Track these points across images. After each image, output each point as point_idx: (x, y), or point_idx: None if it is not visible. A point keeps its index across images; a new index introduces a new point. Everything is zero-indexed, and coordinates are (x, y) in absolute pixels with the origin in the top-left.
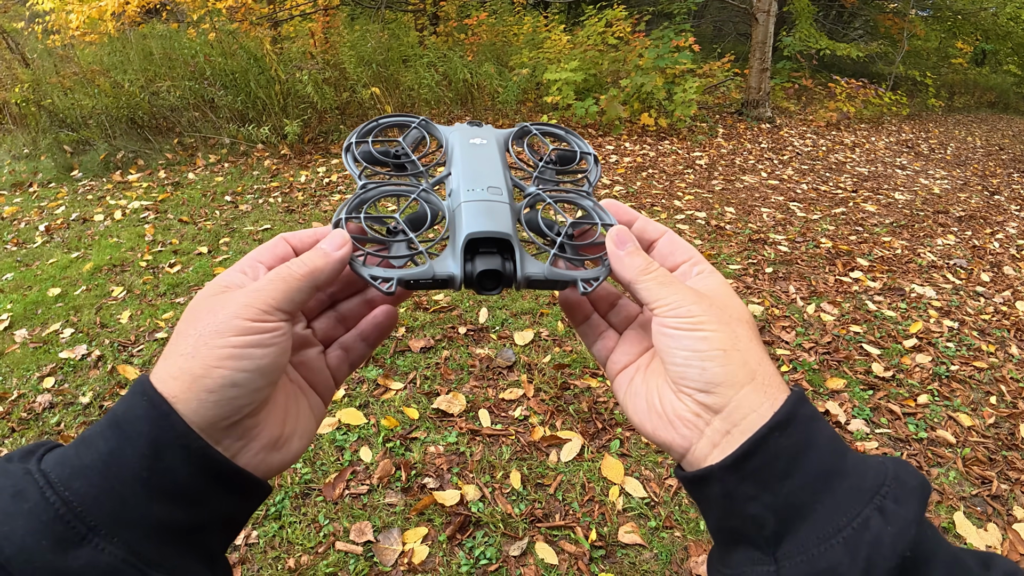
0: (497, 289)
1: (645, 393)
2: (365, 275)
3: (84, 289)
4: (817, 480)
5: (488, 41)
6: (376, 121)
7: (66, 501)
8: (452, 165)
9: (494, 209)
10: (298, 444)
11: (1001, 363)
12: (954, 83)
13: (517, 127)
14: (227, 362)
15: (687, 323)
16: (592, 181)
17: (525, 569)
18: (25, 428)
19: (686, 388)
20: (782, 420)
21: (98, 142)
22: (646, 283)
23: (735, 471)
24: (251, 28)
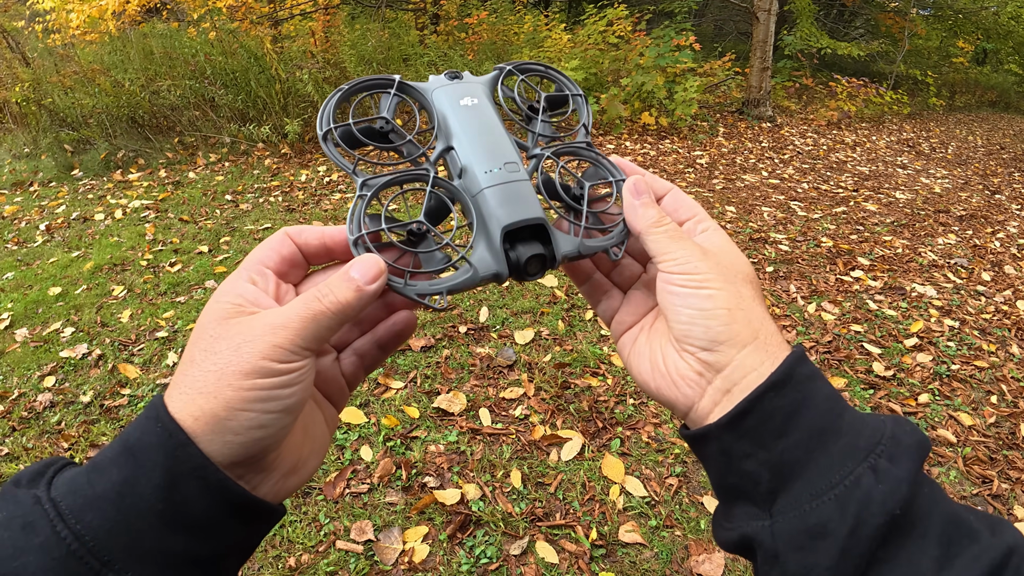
0: (540, 273)
1: (649, 353)
2: (412, 296)
3: (85, 288)
4: (811, 438)
5: (489, 40)
6: (342, 90)
7: (78, 535)
8: (451, 137)
9: (520, 191)
10: (314, 462)
11: (1002, 362)
12: (955, 82)
13: (495, 70)
14: (254, 405)
15: (693, 280)
16: (587, 125)
17: (526, 568)
18: (26, 427)
19: (689, 346)
20: (779, 379)
21: (99, 141)
22: (656, 235)
23: (732, 429)
24: (251, 27)
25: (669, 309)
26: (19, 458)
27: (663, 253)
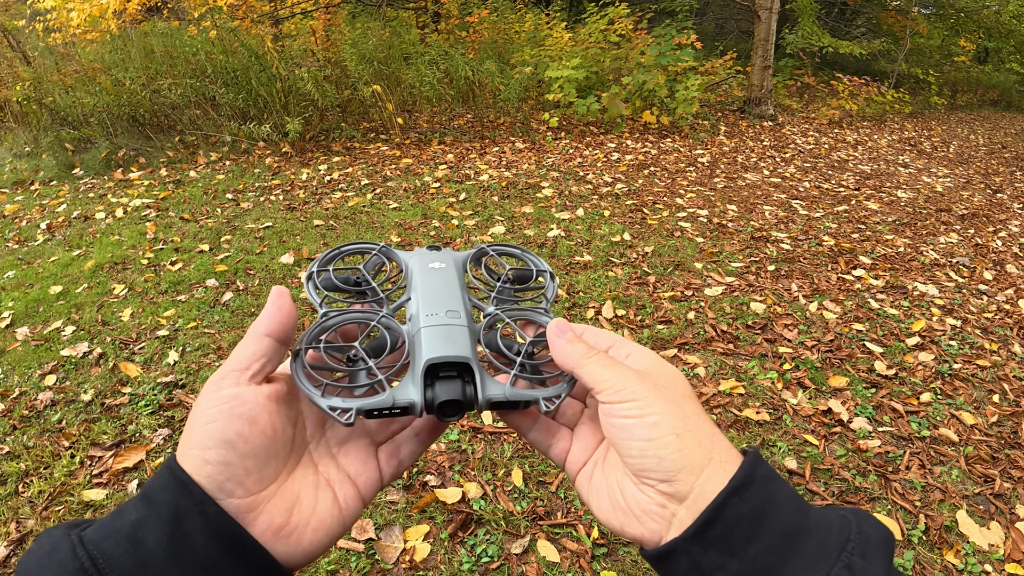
0: (459, 415)
1: (607, 489)
2: (323, 406)
3: (85, 287)
4: (783, 541)
5: (490, 39)
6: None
7: (92, 558)
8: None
9: (453, 333)
10: (311, 537)
11: (1004, 361)
12: (957, 81)
13: (475, 249)
14: (208, 425)
15: (634, 408)
16: (549, 298)
17: (527, 567)
18: (27, 425)
19: (647, 479)
20: (739, 484)
21: (99, 140)
22: (588, 366)
23: (698, 541)
24: (252, 26)
25: (618, 443)
26: (19, 456)
27: (599, 382)
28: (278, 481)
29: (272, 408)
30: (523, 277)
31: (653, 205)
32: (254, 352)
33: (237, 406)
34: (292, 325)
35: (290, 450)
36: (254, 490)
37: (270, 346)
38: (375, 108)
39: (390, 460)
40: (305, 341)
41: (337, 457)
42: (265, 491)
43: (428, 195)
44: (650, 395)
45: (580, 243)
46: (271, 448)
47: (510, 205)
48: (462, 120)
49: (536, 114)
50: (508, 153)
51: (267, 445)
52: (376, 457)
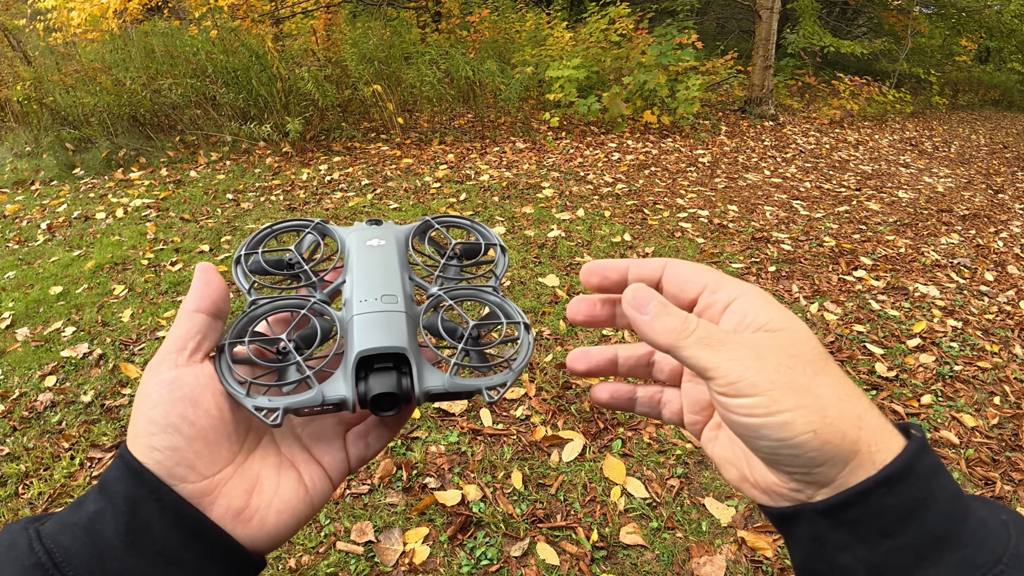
0: (395, 409)
1: (732, 458)
2: (249, 406)
3: (86, 287)
4: (926, 544)
5: (490, 38)
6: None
7: (48, 551)
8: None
9: (387, 320)
10: (275, 520)
11: (1005, 363)
12: (958, 81)
13: (419, 221)
14: (150, 412)
15: (758, 407)
16: (499, 274)
17: (526, 570)
18: (27, 427)
19: (779, 470)
20: (893, 475)
21: (100, 140)
22: (689, 348)
23: (828, 516)
24: (253, 25)
25: (743, 439)
26: (19, 458)
27: (706, 369)
28: (235, 463)
29: (216, 387)
30: (471, 251)
31: (654, 205)
32: (187, 330)
33: (176, 389)
34: (222, 298)
35: (246, 430)
36: (207, 473)
37: (203, 321)
38: (376, 108)
39: (357, 443)
40: (230, 335)
41: (302, 438)
42: (220, 474)
43: (428, 195)
44: (776, 386)
45: (581, 244)
46: (221, 429)
47: (511, 205)
48: (463, 120)
49: (537, 114)
50: (509, 153)
51: (215, 426)
52: (343, 438)
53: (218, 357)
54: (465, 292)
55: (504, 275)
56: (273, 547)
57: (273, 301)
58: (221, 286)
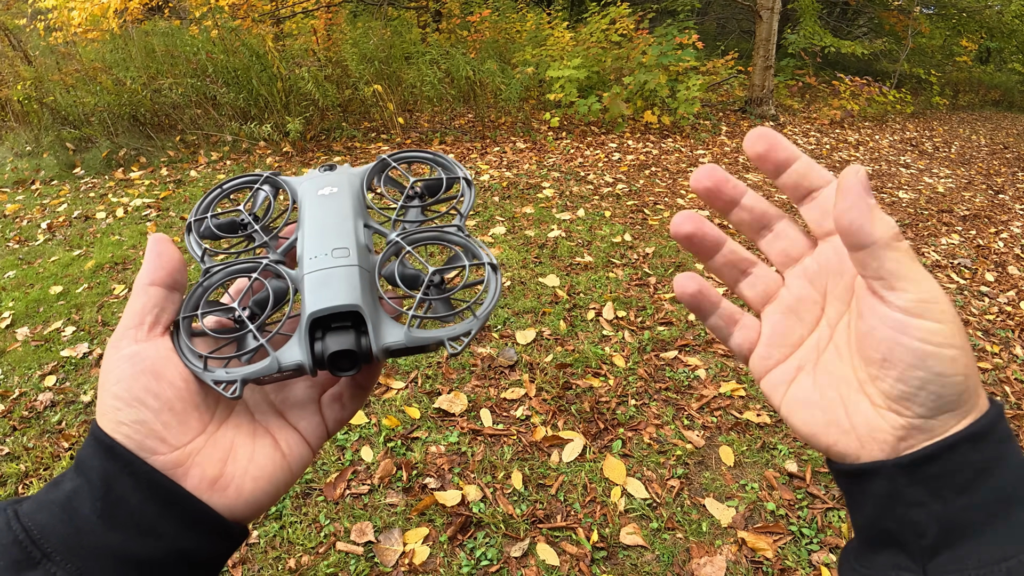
0: (355, 368)
1: (822, 403)
2: (208, 381)
3: (86, 287)
4: (995, 503)
5: (491, 38)
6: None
7: (26, 528)
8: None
9: (339, 276)
10: (252, 487)
11: (1005, 363)
12: (958, 81)
13: (376, 160)
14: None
15: (940, 335)
16: (463, 212)
17: (526, 570)
18: (26, 426)
19: (904, 409)
20: (977, 432)
21: (100, 139)
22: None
23: (909, 472)
24: (253, 25)
25: (893, 365)
26: (19, 457)
27: (904, 281)
28: (206, 433)
29: (178, 360)
30: (434, 188)
31: (654, 206)
32: (143, 304)
33: (138, 363)
34: (177, 268)
35: (216, 399)
36: (178, 444)
37: (159, 294)
38: (376, 108)
39: (332, 405)
40: (185, 309)
41: (275, 404)
42: (192, 443)
43: None
44: (955, 323)
45: (581, 244)
46: (188, 400)
47: (511, 205)
48: (463, 120)
49: (537, 114)
50: (509, 153)
51: (181, 397)
52: (318, 402)
53: (175, 331)
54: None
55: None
56: (254, 515)
57: (226, 267)
58: (175, 256)
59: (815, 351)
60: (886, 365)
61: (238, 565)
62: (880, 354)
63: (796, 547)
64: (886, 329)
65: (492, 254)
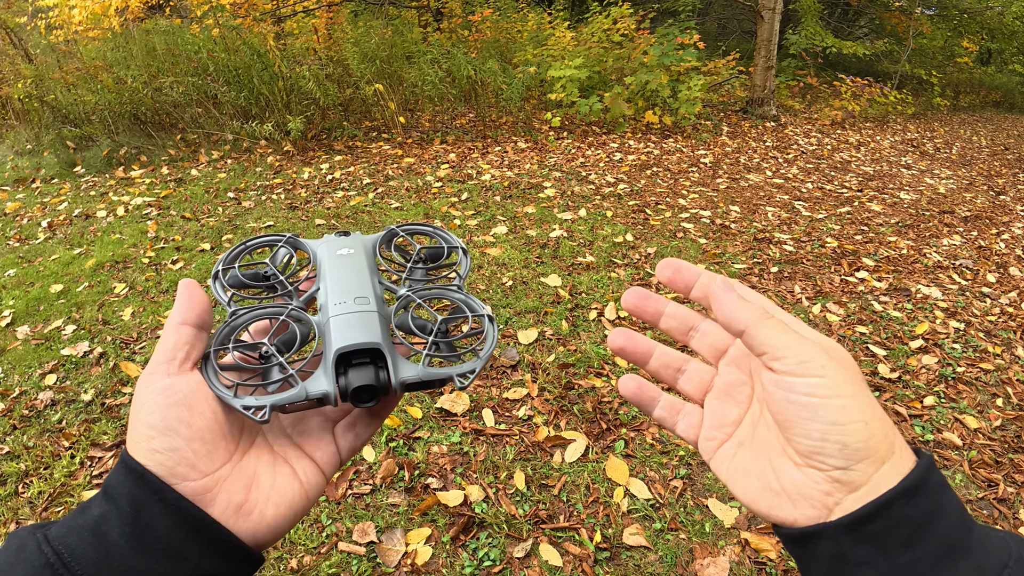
0: (374, 400)
1: (756, 470)
2: (237, 406)
3: (86, 286)
4: (941, 553)
5: (492, 38)
6: (244, 243)
7: (57, 552)
8: (320, 279)
9: (363, 320)
10: (273, 512)
11: (1007, 364)
12: (960, 82)
13: (384, 231)
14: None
15: (822, 388)
16: (462, 274)
17: (529, 571)
18: (27, 425)
19: (818, 464)
20: (911, 487)
21: (101, 138)
22: (767, 328)
23: (851, 532)
24: (254, 24)
25: (793, 424)
26: (19, 456)
27: (779, 349)
28: (232, 461)
29: (207, 392)
30: (435, 255)
31: (656, 206)
32: (176, 342)
33: (171, 395)
34: (206, 311)
35: (240, 431)
36: (207, 471)
37: (190, 333)
38: (377, 107)
39: (346, 435)
40: (215, 343)
41: (292, 436)
42: (219, 471)
43: (430, 195)
44: (838, 373)
45: (583, 244)
46: (216, 430)
47: (512, 205)
48: (464, 119)
49: (538, 114)
50: (510, 153)
51: (211, 428)
52: (332, 433)
53: (204, 364)
54: (432, 291)
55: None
56: (273, 540)
57: (253, 310)
58: (204, 299)
59: (752, 427)
60: (788, 424)
61: None
62: (781, 416)
63: None
64: (780, 392)
65: (488, 308)
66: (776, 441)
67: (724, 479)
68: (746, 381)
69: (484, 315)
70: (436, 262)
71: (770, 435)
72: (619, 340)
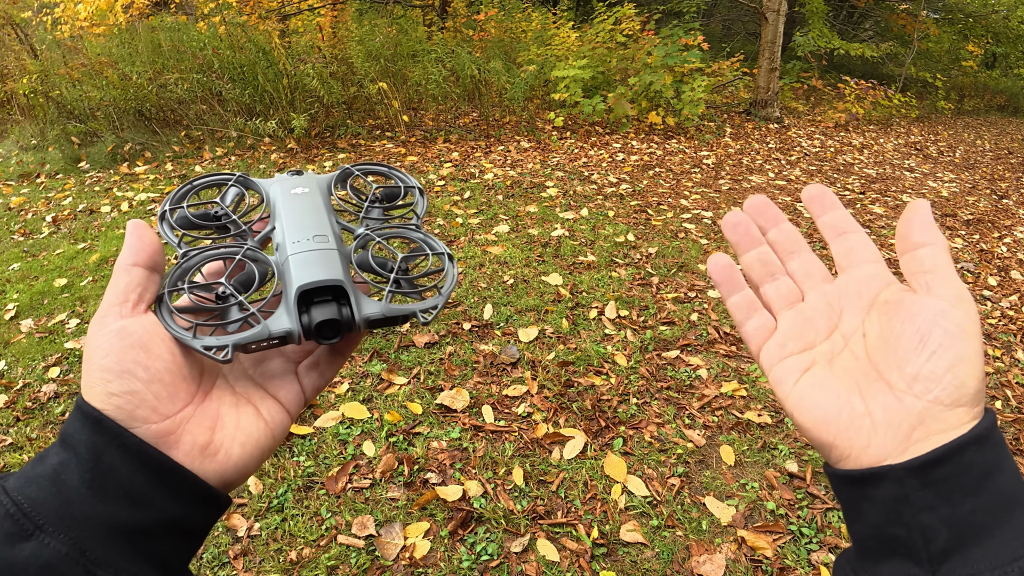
0: (338, 336)
1: (838, 390)
2: (198, 347)
3: (90, 280)
4: (1000, 504)
5: (496, 37)
6: (191, 183)
7: (16, 502)
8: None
9: (323, 257)
10: (239, 452)
11: (1007, 368)
12: (964, 86)
13: (339, 170)
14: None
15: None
16: (419, 213)
17: (526, 566)
18: (30, 417)
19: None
20: (981, 435)
21: (105, 134)
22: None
23: (919, 475)
24: (260, 21)
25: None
26: (23, 448)
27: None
28: (194, 403)
29: (164, 334)
30: (391, 195)
31: (658, 206)
32: (127, 284)
33: (126, 337)
34: (157, 252)
35: (200, 372)
36: (169, 412)
37: (141, 274)
38: (381, 105)
39: (310, 374)
40: (168, 284)
41: (254, 377)
42: (182, 412)
43: (433, 193)
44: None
45: (584, 243)
46: (176, 372)
47: (514, 204)
48: (468, 118)
49: (542, 113)
50: (513, 152)
51: (170, 369)
52: (295, 373)
53: (158, 305)
54: (391, 231)
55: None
56: (240, 480)
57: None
58: (155, 240)
59: (829, 353)
60: (921, 345)
61: (239, 557)
62: (919, 334)
63: (795, 546)
64: (928, 313)
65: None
66: (867, 369)
67: (785, 395)
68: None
69: (444, 253)
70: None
71: (858, 364)
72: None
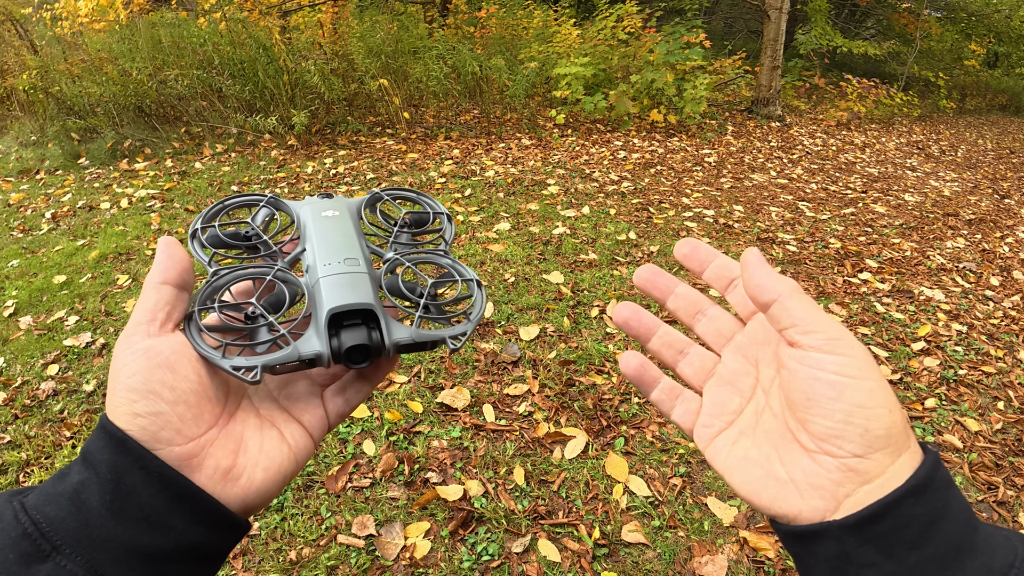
0: (368, 360)
1: (759, 458)
2: (226, 367)
3: (89, 277)
4: (948, 555)
5: (498, 34)
6: (222, 203)
7: (35, 521)
8: (306, 241)
9: (353, 281)
10: (262, 477)
11: (1009, 368)
12: (966, 85)
13: (368, 194)
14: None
15: (851, 368)
16: (448, 240)
17: (527, 566)
18: (28, 415)
19: (836, 450)
20: (919, 484)
21: (105, 130)
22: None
23: (855, 533)
24: (260, 18)
25: (815, 403)
26: (21, 446)
27: (811, 324)
28: (218, 426)
29: (191, 354)
30: (420, 220)
31: (659, 204)
32: (155, 302)
33: (153, 357)
34: (187, 270)
35: (225, 394)
36: (193, 435)
37: (170, 293)
38: (382, 102)
39: (335, 399)
40: (197, 302)
41: (279, 400)
42: (206, 435)
43: (434, 190)
44: (866, 357)
45: (585, 241)
46: (201, 393)
47: (515, 202)
48: (469, 115)
49: (543, 111)
50: (514, 149)
51: (195, 390)
52: (321, 397)
53: (187, 324)
54: (420, 256)
55: (452, 240)
56: (262, 504)
57: (236, 270)
58: (185, 258)
59: (755, 416)
60: (809, 404)
61: (239, 556)
62: (803, 395)
63: None
64: (804, 368)
65: (475, 274)
66: (784, 429)
67: (721, 469)
68: (751, 371)
69: (473, 280)
70: (421, 227)
71: (776, 424)
72: (624, 312)
